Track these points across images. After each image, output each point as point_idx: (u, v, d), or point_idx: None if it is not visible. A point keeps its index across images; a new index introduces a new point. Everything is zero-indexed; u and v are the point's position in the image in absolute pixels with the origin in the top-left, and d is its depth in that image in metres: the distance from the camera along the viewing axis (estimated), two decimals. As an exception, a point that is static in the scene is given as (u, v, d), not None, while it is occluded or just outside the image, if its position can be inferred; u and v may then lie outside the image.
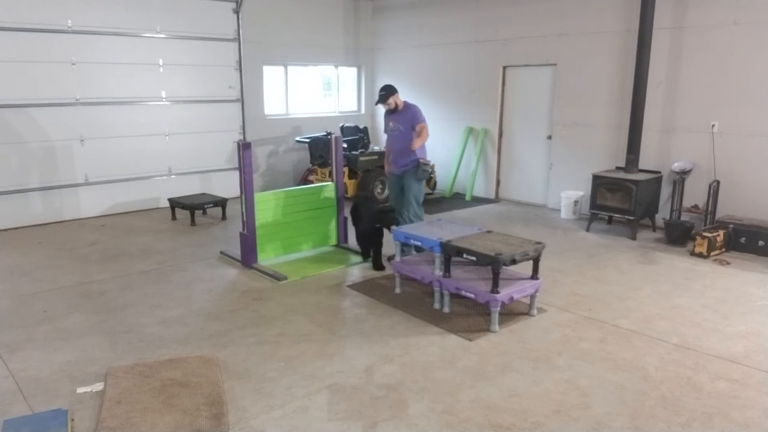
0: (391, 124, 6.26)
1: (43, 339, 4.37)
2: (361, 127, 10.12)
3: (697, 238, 6.41)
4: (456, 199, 9.77)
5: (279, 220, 6.26)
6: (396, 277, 5.33)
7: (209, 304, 5.08)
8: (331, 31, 10.70)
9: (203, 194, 8.70)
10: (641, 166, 7.53)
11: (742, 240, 6.48)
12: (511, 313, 4.80)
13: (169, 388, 3.57)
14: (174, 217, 8.24)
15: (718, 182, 6.93)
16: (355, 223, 6.43)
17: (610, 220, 7.86)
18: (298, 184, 9.68)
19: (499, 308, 4.47)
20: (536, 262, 4.76)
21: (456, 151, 9.98)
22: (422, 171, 6.18)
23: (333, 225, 6.73)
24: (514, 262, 4.51)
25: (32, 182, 7.76)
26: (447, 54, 9.94)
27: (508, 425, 3.26)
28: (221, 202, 8.26)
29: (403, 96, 6.21)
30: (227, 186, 9.31)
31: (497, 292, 4.44)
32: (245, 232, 5.99)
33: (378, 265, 5.99)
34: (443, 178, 10.10)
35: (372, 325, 4.63)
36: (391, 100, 6.14)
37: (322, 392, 3.60)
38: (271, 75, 10.17)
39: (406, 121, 6.12)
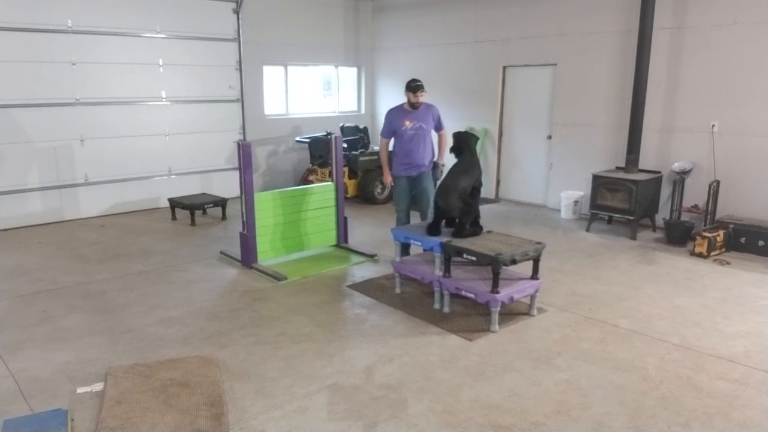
0: (408, 122, 5.84)
1: (43, 339, 4.37)
2: (361, 127, 10.12)
3: (697, 238, 6.41)
4: (456, 199, 9.74)
5: (279, 220, 6.26)
6: (396, 277, 5.33)
7: (209, 304, 5.08)
8: (331, 31, 10.70)
9: (203, 194, 8.70)
10: (641, 166, 7.53)
11: (742, 240, 6.48)
12: (511, 313, 4.80)
13: (169, 388, 3.57)
14: (174, 217, 8.23)
15: (718, 182, 6.93)
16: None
17: (610, 220, 7.86)
18: (298, 184, 9.68)
19: (499, 308, 4.47)
20: (536, 262, 4.76)
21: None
22: (440, 171, 5.98)
23: (333, 225, 6.73)
24: (514, 262, 4.51)
25: (32, 182, 7.76)
26: (447, 54, 9.95)
27: (508, 425, 3.26)
28: (221, 202, 8.26)
29: (403, 96, 6.06)
30: (227, 186, 9.31)
31: (497, 292, 4.44)
32: (245, 232, 5.99)
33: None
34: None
35: (372, 325, 4.63)
36: (424, 93, 5.81)
37: (322, 392, 3.60)
38: (271, 75, 10.16)
39: (428, 119, 5.87)
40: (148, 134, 8.69)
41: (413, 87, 5.77)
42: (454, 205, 4.93)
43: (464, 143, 5.30)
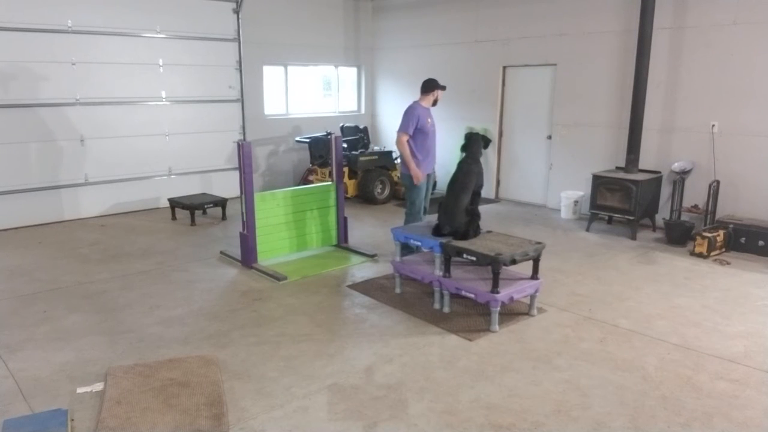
0: (429, 119, 5.97)
1: (43, 339, 4.37)
2: (361, 127, 10.12)
3: (697, 238, 6.41)
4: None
5: (279, 220, 6.26)
6: (396, 277, 5.33)
7: (209, 304, 5.08)
8: (331, 31, 10.70)
9: (203, 194, 8.70)
10: (641, 166, 7.53)
11: (742, 240, 6.48)
12: (511, 313, 4.80)
13: (169, 388, 3.57)
14: (174, 217, 8.23)
15: (718, 182, 6.93)
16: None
17: (610, 220, 7.86)
18: (298, 184, 9.68)
19: (499, 308, 4.47)
20: (536, 262, 4.76)
21: (456, 151, 9.95)
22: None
23: (333, 225, 6.73)
24: (514, 262, 4.51)
25: (32, 182, 7.76)
26: (447, 54, 9.94)
27: (508, 425, 3.26)
28: (221, 202, 8.26)
29: (405, 95, 6.13)
30: (227, 186, 9.31)
31: (497, 292, 4.44)
32: (245, 232, 5.99)
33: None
34: (443, 178, 10.08)
35: (372, 325, 4.63)
36: None
37: (322, 392, 3.60)
38: (271, 75, 10.17)
39: (432, 119, 6.10)
40: (148, 134, 8.69)
41: (442, 85, 5.98)
42: (461, 222, 4.92)
43: (469, 144, 5.25)
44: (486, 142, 5.37)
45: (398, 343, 4.28)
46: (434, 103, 6.01)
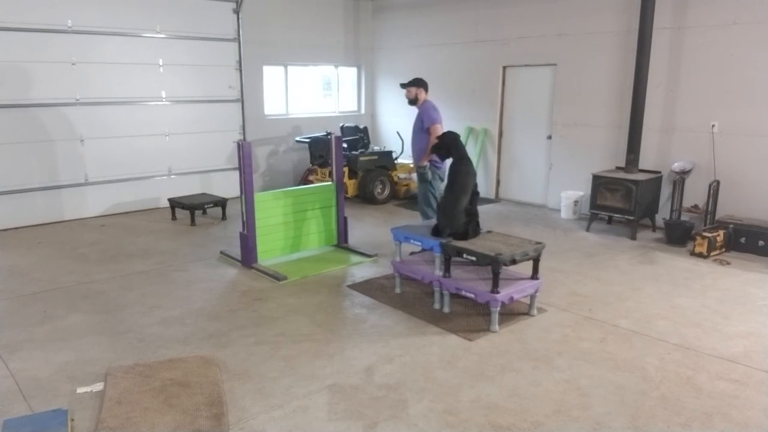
0: (415, 118, 6.30)
1: (43, 339, 4.37)
2: (361, 127, 10.12)
3: (697, 238, 6.41)
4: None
5: (279, 220, 6.26)
6: (396, 277, 5.33)
7: (209, 304, 5.08)
8: (331, 31, 10.70)
9: (203, 194, 8.70)
10: (641, 166, 7.53)
11: (742, 240, 6.48)
12: (511, 313, 4.80)
13: (169, 388, 3.57)
14: (174, 217, 8.23)
15: (718, 182, 6.93)
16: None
17: (610, 220, 7.86)
18: (298, 184, 9.68)
19: (499, 308, 4.47)
20: (536, 262, 4.76)
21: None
22: (418, 173, 6.23)
23: (333, 225, 6.73)
24: (514, 262, 4.51)
25: (32, 182, 7.76)
26: (447, 54, 9.95)
27: (508, 425, 3.26)
28: (221, 202, 8.26)
29: (405, 95, 6.23)
30: (227, 186, 9.32)
31: (497, 292, 4.44)
32: (245, 232, 5.99)
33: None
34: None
35: (372, 325, 4.63)
36: (411, 90, 6.14)
37: (322, 392, 3.60)
38: (271, 75, 10.16)
39: (419, 118, 6.15)
40: (148, 134, 8.69)
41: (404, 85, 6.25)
42: (461, 222, 4.90)
43: (453, 145, 5.15)
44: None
45: (398, 343, 4.28)
46: (411, 102, 6.21)
